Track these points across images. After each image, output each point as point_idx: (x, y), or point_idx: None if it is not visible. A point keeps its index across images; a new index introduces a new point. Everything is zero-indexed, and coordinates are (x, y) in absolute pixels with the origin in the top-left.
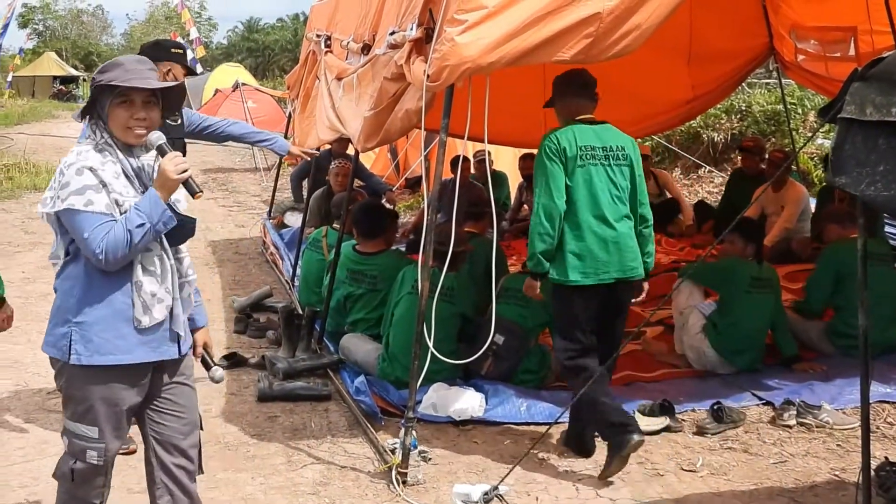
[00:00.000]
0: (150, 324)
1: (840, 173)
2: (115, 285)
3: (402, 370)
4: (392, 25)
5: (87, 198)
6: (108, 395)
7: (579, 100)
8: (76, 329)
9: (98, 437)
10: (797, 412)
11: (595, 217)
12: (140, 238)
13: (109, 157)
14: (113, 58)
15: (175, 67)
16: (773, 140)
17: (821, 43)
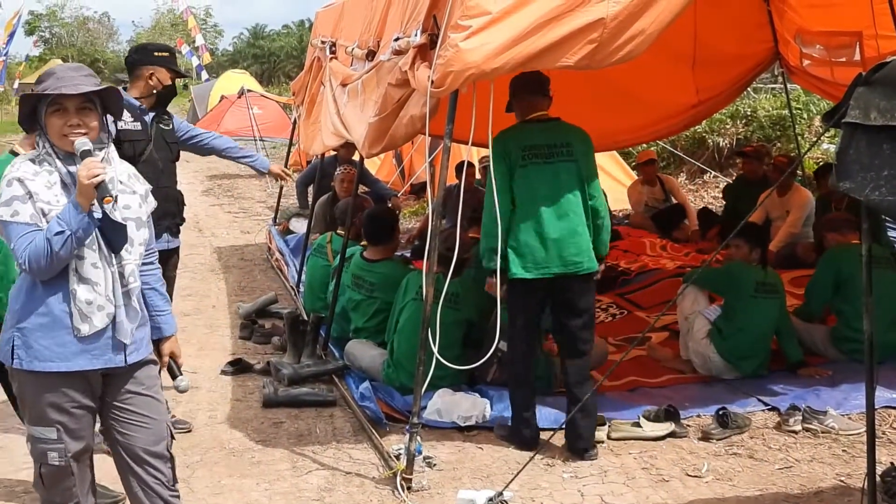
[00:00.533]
0: (89, 332)
1: (844, 178)
2: (54, 293)
3: (406, 376)
4: (396, 31)
5: (14, 208)
6: (57, 399)
7: (531, 98)
8: (18, 335)
9: (56, 438)
10: (803, 417)
11: (535, 215)
12: (60, 246)
13: (46, 167)
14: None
15: (158, 71)
16: (779, 145)
17: (826, 48)
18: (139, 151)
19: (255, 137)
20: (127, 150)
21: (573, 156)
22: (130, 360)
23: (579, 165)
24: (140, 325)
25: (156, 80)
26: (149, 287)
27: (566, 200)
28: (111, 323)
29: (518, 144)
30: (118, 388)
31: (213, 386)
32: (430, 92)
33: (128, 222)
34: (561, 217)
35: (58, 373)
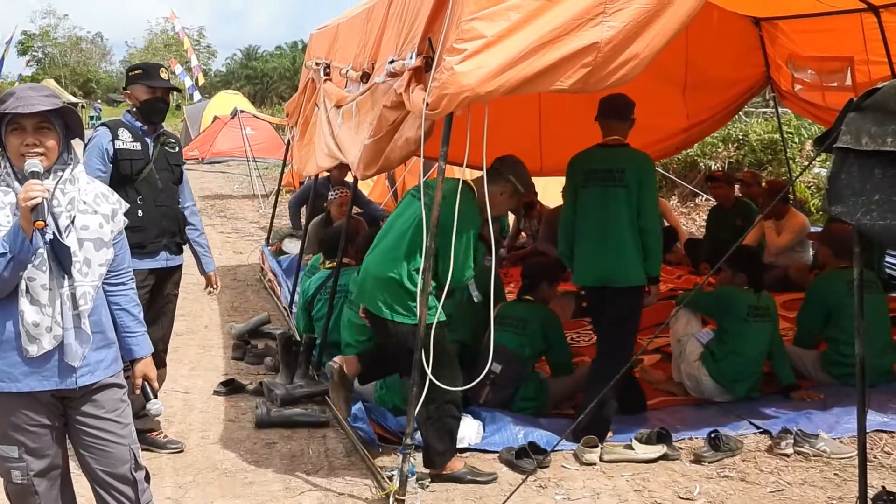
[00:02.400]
0: (37, 353)
1: (836, 202)
2: (4, 314)
3: (399, 398)
4: (391, 54)
5: None
6: (15, 419)
7: (606, 121)
8: None
9: (18, 457)
10: (794, 441)
11: (590, 231)
12: (3, 268)
13: (3, 188)
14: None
15: (133, 89)
16: (770, 169)
17: (818, 73)
18: (136, 171)
19: (248, 158)
20: (124, 169)
21: (625, 181)
22: (81, 382)
23: (631, 189)
24: (98, 347)
25: (133, 98)
26: (119, 308)
27: (617, 221)
28: (59, 345)
29: (581, 168)
30: (76, 410)
31: (206, 406)
32: (426, 114)
33: (84, 243)
34: (612, 236)
35: (9, 393)
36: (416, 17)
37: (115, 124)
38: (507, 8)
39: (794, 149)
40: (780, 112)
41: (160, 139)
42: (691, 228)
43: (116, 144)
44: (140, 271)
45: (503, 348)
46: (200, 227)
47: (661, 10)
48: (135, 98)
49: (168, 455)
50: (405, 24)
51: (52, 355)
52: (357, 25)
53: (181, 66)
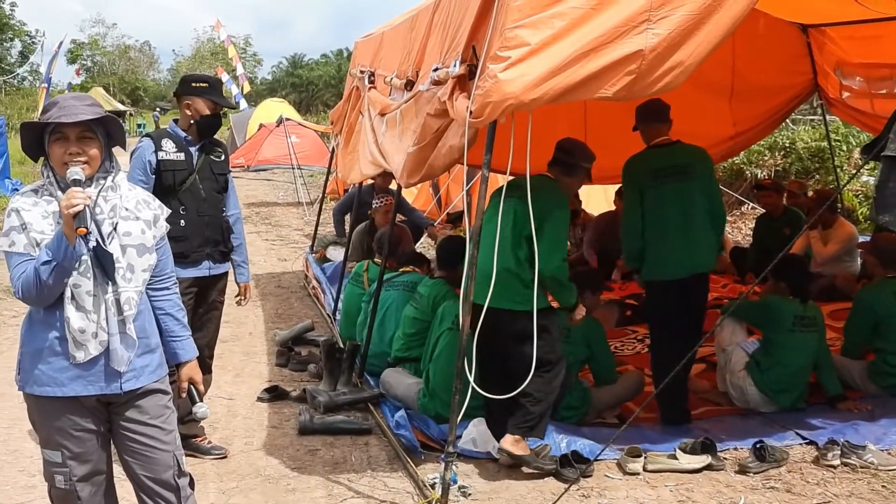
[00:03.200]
0: (84, 359)
1: (884, 211)
2: (50, 320)
3: (442, 405)
4: (435, 62)
5: (11, 239)
6: (60, 423)
7: (651, 126)
8: (22, 360)
9: (61, 462)
10: (841, 452)
11: (672, 226)
12: (48, 275)
13: (46, 197)
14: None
15: (195, 102)
16: (817, 177)
17: (866, 80)
18: (179, 181)
19: (293, 165)
20: (167, 179)
21: (697, 174)
22: (127, 387)
23: (703, 183)
24: (143, 352)
25: (193, 110)
26: (163, 312)
27: (695, 214)
28: (105, 351)
29: (645, 169)
30: (121, 415)
31: (250, 413)
32: (469, 122)
33: (127, 249)
34: (688, 229)
35: (55, 398)
36: (460, 25)
37: (159, 135)
38: (551, 16)
39: (842, 157)
40: (827, 120)
41: (205, 148)
42: (737, 237)
43: (159, 155)
44: (183, 280)
45: None
46: (241, 237)
47: (706, 18)
48: (195, 110)
49: (212, 461)
50: (449, 32)
51: (98, 360)
52: (401, 33)
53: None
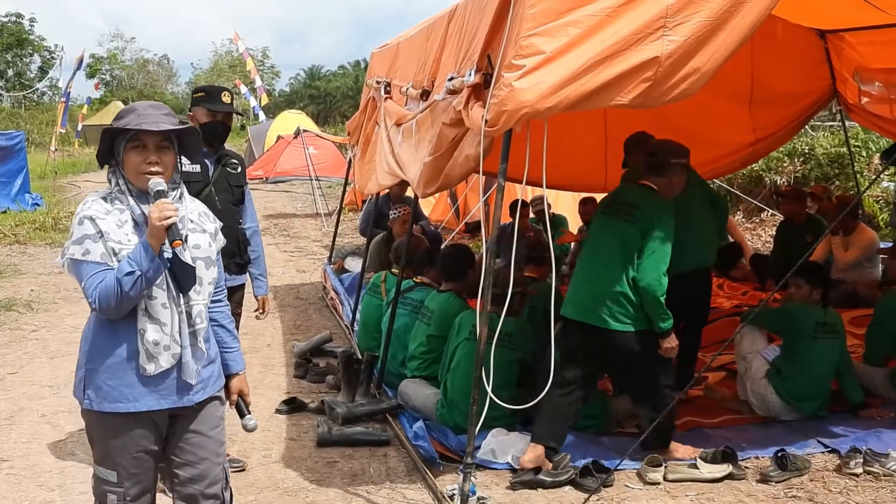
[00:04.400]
0: (155, 372)
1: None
2: (122, 333)
3: (460, 416)
4: (450, 71)
5: (85, 247)
6: (123, 441)
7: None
8: (87, 375)
9: (117, 482)
10: (864, 460)
11: None
12: (130, 286)
13: (118, 206)
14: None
15: (196, 111)
16: (837, 183)
17: (885, 85)
18: (195, 192)
19: (311, 177)
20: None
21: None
22: (196, 399)
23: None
24: (207, 363)
25: (195, 120)
26: (217, 324)
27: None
28: (177, 363)
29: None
30: (184, 427)
31: (268, 425)
32: (485, 131)
33: (197, 262)
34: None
35: (125, 413)
36: (475, 35)
37: None
38: (566, 24)
39: (862, 163)
40: (846, 125)
41: (222, 160)
42: (756, 244)
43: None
44: None
45: None
46: (259, 250)
47: (722, 24)
48: (196, 120)
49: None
50: (464, 42)
51: (170, 373)
52: (417, 43)
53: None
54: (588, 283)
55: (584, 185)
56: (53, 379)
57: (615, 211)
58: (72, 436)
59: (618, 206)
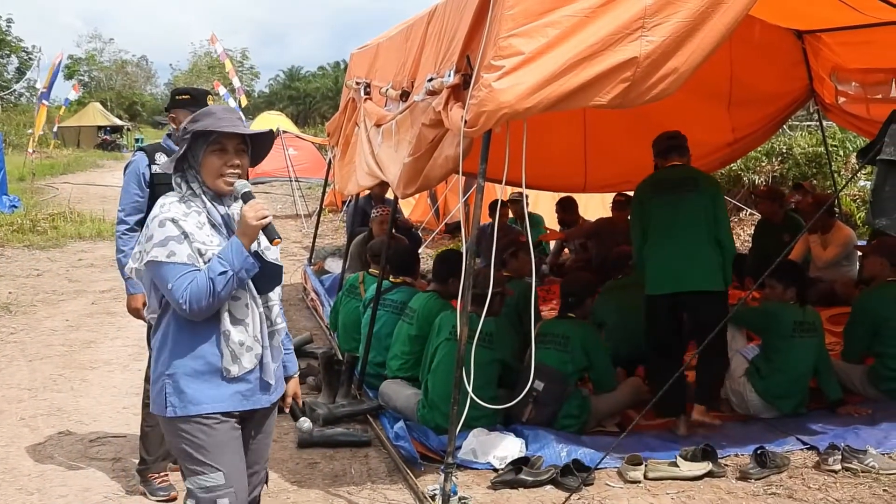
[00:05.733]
0: (239, 373)
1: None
2: (204, 335)
3: (441, 416)
4: (430, 72)
5: (170, 249)
6: (222, 440)
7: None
8: (169, 382)
9: (226, 483)
10: (842, 457)
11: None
12: (223, 286)
13: (194, 208)
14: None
15: (179, 114)
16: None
17: (862, 85)
18: None
19: (291, 178)
20: (160, 193)
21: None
22: (273, 399)
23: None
24: (278, 364)
25: (177, 122)
26: None
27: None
28: (258, 364)
29: (648, 181)
30: (252, 429)
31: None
32: (464, 132)
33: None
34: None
35: (213, 414)
36: (455, 35)
37: (152, 149)
38: (544, 24)
39: (839, 162)
40: (824, 125)
41: None
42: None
43: (153, 169)
44: None
45: (545, 366)
46: None
47: (699, 25)
48: (179, 122)
49: None
50: (443, 42)
51: (252, 374)
52: (396, 44)
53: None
54: (679, 256)
55: (563, 185)
56: (32, 382)
57: (676, 188)
58: (50, 439)
59: (676, 184)
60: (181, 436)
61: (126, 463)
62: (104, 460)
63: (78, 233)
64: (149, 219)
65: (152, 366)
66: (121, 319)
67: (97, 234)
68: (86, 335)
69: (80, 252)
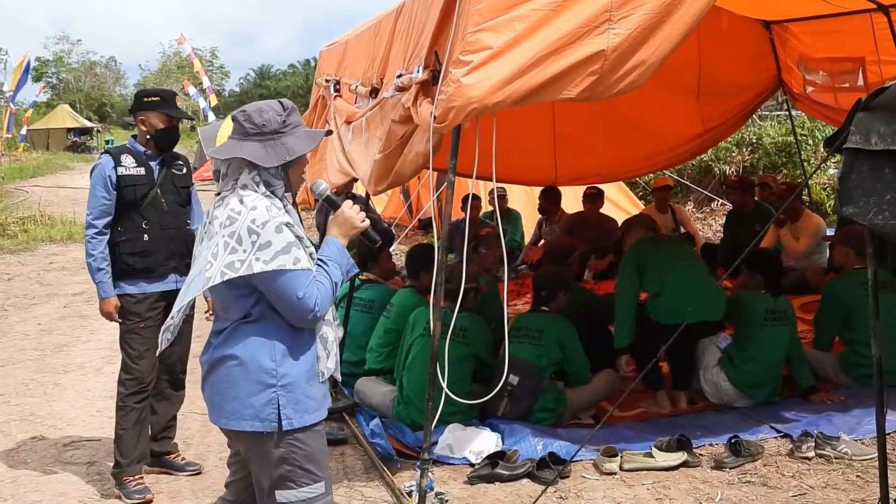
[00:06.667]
0: (328, 375)
1: (847, 203)
2: (307, 341)
3: (417, 412)
4: (399, 68)
5: (295, 255)
6: (320, 449)
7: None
8: (282, 392)
9: (325, 491)
10: (815, 444)
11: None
12: (337, 289)
13: (281, 210)
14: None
15: (149, 116)
16: (785, 172)
17: (829, 74)
18: (141, 195)
19: None
20: (128, 195)
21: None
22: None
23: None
24: None
25: (148, 125)
26: None
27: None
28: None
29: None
30: None
31: None
32: (433, 127)
33: None
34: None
35: (320, 421)
36: (423, 31)
37: (118, 151)
38: (511, 19)
39: (809, 151)
40: (793, 115)
41: (167, 162)
42: (707, 233)
43: (119, 171)
44: (151, 294)
45: (519, 360)
46: None
47: (666, 16)
48: (150, 125)
49: (186, 477)
50: (412, 38)
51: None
52: (365, 41)
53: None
54: (688, 292)
55: (534, 178)
56: (4, 387)
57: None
58: (24, 444)
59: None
60: (293, 447)
61: (101, 466)
62: (78, 464)
63: (49, 236)
64: (252, 222)
65: (239, 378)
66: (93, 322)
67: (68, 236)
68: (58, 339)
69: (52, 255)
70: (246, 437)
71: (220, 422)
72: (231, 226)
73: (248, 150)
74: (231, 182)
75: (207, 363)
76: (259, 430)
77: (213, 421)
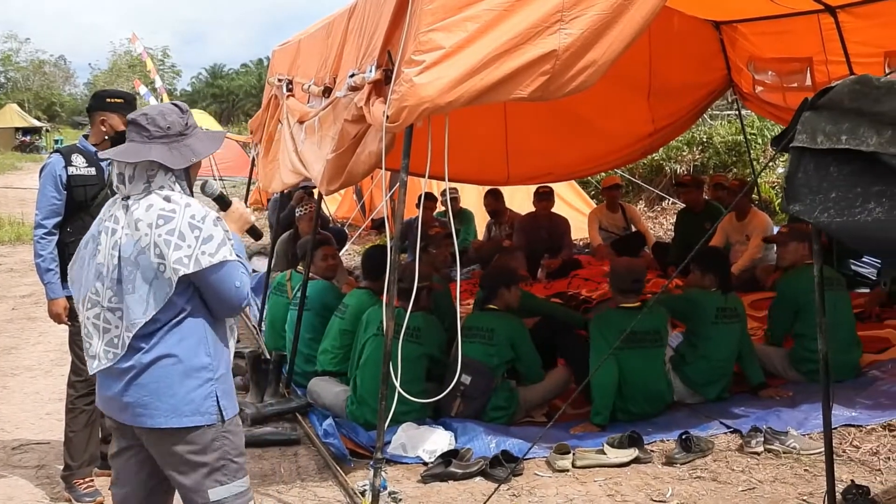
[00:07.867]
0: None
1: (794, 201)
2: (225, 332)
3: (370, 412)
4: (352, 68)
5: (229, 246)
6: (242, 440)
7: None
8: (217, 385)
9: (248, 486)
10: (764, 439)
11: None
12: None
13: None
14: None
15: (110, 117)
16: (735, 170)
17: (778, 74)
18: (91, 196)
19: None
20: (78, 195)
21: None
22: None
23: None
24: None
25: (108, 126)
26: None
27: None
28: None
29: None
30: None
31: None
32: (386, 127)
33: None
34: None
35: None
36: (375, 30)
37: (68, 150)
38: (464, 19)
39: (758, 150)
40: (742, 114)
41: None
42: (658, 232)
43: (70, 171)
44: None
45: (471, 360)
46: None
47: (617, 17)
48: (110, 126)
49: None
50: (365, 38)
51: None
52: (318, 40)
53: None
54: None
55: (486, 178)
56: None
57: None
58: None
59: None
60: (226, 440)
61: (50, 469)
62: (27, 468)
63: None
64: (191, 218)
65: (179, 375)
66: (42, 324)
67: (16, 238)
68: (6, 341)
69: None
70: (178, 435)
71: (152, 422)
72: (167, 224)
73: (157, 152)
74: (142, 184)
75: (136, 367)
76: (200, 425)
77: (138, 423)
